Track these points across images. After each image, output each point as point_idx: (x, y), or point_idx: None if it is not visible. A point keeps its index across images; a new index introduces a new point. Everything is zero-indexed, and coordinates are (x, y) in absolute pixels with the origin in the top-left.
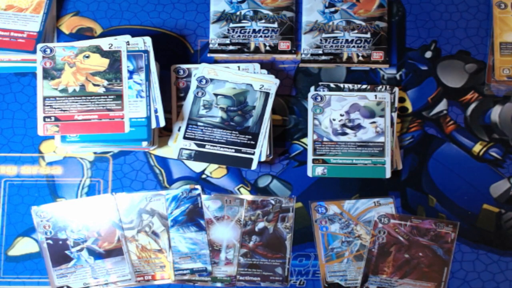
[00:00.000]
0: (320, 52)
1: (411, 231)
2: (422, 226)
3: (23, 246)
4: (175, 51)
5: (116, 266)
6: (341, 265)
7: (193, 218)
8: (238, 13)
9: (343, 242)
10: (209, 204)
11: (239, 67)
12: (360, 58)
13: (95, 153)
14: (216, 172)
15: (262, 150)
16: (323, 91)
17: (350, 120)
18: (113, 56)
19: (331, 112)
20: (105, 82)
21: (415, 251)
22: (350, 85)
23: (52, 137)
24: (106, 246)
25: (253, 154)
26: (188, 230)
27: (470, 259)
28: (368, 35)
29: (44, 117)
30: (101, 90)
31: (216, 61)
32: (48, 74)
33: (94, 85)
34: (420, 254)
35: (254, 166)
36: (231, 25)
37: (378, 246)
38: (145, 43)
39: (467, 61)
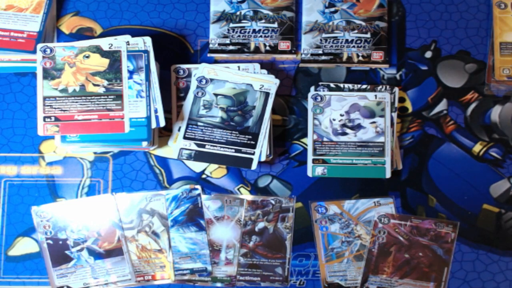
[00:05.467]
0: (320, 52)
1: (411, 231)
2: (422, 226)
3: (23, 246)
4: (175, 51)
5: (116, 266)
6: (341, 265)
7: (193, 218)
8: (238, 13)
9: (343, 242)
10: (209, 204)
11: (239, 67)
12: (360, 58)
13: (95, 153)
14: (216, 172)
15: (262, 150)
16: (323, 91)
17: (350, 120)
18: (113, 56)
19: (331, 112)
20: (105, 82)
21: (415, 251)
22: (350, 85)
23: (52, 137)
24: (106, 246)
25: (253, 154)
26: (188, 230)
27: (470, 259)
28: (368, 35)
29: (44, 117)
30: (101, 90)
31: (216, 61)
32: (48, 74)
33: (94, 85)
34: (420, 254)
35: (254, 166)
36: (231, 25)
37: (378, 246)
38: (145, 43)
39: (467, 61)
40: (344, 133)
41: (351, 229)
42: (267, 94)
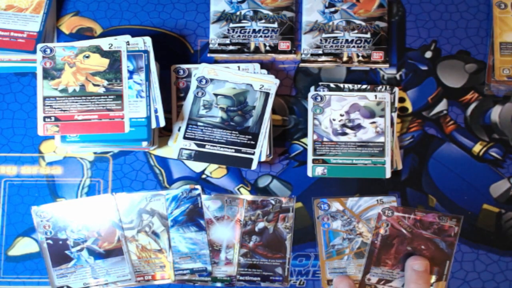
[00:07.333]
0: (320, 52)
1: (414, 224)
2: (426, 219)
3: (23, 246)
4: (175, 51)
5: (116, 266)
6: (341, 262)
7: (193, 218)
8: (238, 13)
9: (344, 239)
10: (209, 204)
11: (239, 67)
12: (360, 58)
13: (95, 153)
14: (216, 172)
15: (262, 150)
16: (323, 91)
17: (350, 120)
18: (113, 56)
19: (331, 112)
20: (105, 82)
21: (418, 244)
22: (350, 85)
23: (52, 137)
24: (106, 246)
25: (253, 154)
26: (188, 230)
27: (470, 259)
28: (368, 35)
29: (44, 117)
30: (101, 90)
31: (216, 61)
32: (48, 74)
33: (94, 85)
34: (422, 247)
35: (254, 166)
36: (231, 25)
37: (381, 238)
38: (145, 43)
39: (467, 61)
40: (344, 133)
41: (353, 226)
42: (267, 94)
